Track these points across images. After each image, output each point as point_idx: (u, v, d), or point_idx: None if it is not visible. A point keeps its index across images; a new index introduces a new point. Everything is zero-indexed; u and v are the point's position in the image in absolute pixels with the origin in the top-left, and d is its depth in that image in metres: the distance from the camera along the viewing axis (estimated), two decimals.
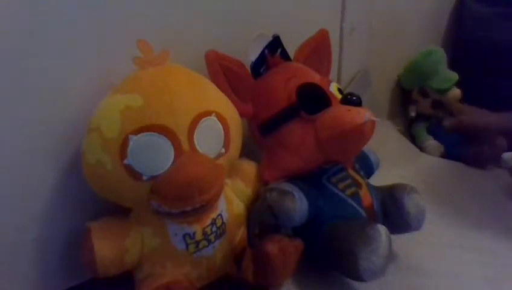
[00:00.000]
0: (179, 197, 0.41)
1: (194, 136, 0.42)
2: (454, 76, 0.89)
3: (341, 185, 0.51)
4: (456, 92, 0.89)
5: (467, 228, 0.62)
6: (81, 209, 0.48)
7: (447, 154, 0.88)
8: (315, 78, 0.55)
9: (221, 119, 0.45)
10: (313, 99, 0.52)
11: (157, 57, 0.46)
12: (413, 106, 0.97)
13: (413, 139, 0.96)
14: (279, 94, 0.53)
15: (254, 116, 0.56)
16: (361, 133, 0.49)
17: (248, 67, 0.55)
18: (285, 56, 0.58)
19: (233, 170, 0.52)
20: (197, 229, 0.45)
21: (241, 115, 0.51)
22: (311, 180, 0.51)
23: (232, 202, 0.50)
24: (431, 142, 0.91)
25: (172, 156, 0.41)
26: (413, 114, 0.96)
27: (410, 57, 0.97)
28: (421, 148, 0.92)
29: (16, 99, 0.43)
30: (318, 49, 0.62)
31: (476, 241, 0.59)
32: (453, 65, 0.94)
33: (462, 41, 1.05)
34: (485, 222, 0.64)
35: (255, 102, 0.55)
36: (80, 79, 0.47)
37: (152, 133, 0.40)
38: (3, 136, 0.43)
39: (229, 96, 0.50)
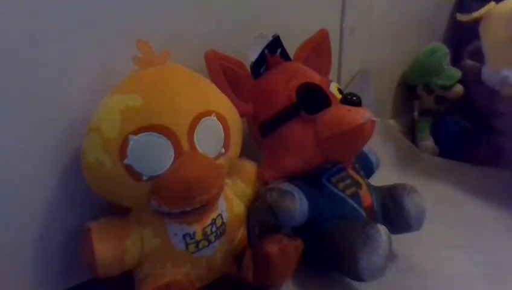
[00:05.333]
0: (179, 197, 0.41)
1: (194, 136, 0.42)
2: (458, 73, 0.92)
3: (341, 185, 0.51)
4: (459, 88, 0.92)
5: (467, 228, 0.62)
6: (81, 209, 0.48)
7: (442, 154, 0.90)
8: (315, 78, 0.55)
9: (221, 119, 0.45)
10: (312, 99, 0.52)
11: (157, 57, 0.46)
12: (417, 101, 0.99)
13: (414, 137, 0.97)
14: (279, 94, 0.53)
15: (254, 116, 0.56)
16: (361, 133, 0.49)
17: (248, 67, 0.55)
18: (285, 56, 0.58)
19: (233, 170, 0.52)
20: (197, 229, 0.45)
21: (241, 115, 0.51)
22: (311, 180, 0.51)
23: (232, 202, 0.50)
24: (427, 143, 0.93)
25: (172, 156, 0.41)
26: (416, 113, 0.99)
27: (410, 57, 0.97)
28: (418, 147, 0.93)
29: (16, 99, 0.43)
30: (318, 49, 0.62)
31: (476, 242, 0.59)
32: (452, 65, 0.95)
33: (462, 41, 1.05)
34: (484, 221, 0.64)
35: (255, 102, 0.55)
36: (80, 79, 0.47)
37: (152, 133, 0.40)
38: (3, 136, 0.42)
39: (229, 96, 0.50)
